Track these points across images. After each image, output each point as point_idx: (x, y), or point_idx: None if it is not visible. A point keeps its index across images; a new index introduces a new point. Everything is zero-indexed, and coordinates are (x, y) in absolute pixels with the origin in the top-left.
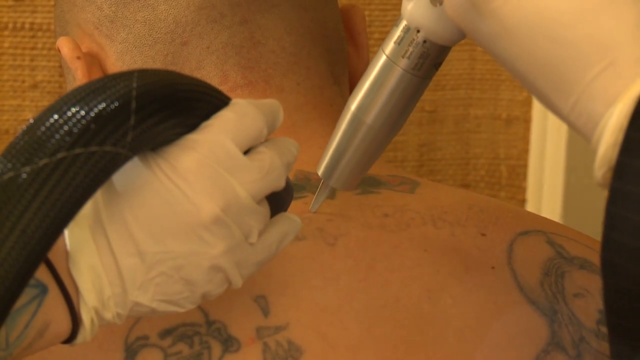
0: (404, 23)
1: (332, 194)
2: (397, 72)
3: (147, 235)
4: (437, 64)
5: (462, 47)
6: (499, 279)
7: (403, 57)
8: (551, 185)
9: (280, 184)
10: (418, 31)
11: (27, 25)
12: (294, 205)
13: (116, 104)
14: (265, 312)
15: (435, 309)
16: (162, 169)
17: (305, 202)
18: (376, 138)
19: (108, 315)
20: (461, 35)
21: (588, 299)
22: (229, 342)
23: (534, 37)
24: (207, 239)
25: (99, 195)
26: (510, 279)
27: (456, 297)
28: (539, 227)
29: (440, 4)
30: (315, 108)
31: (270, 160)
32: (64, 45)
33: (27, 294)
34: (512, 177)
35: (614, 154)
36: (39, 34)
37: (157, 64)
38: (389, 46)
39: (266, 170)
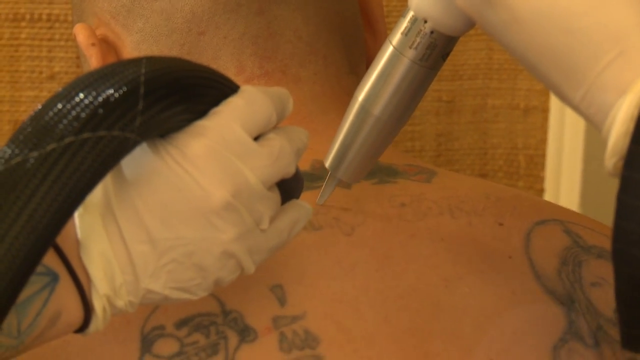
0: (411, 13)
1: (348, 184)
2: (404, 63)
3: (157, 222)
4: (444, 55)
5: (480, 36)
6: (516, 268)
7: (410, 47)
8: (569, 174)
9: (290, 170)
10: (425, 22)
11: (44, 16)
12: (311, 195)
13: (124, 89)
14: (282, 302)
15: (452, 298)
16: (171, 156)
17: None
18: (384, 129)
19: (120, 303)
20: (469, 25)
21: (605, 287)
22: (246, 332)
23: (544, 26)
24: (217, 224)
25: (109, 183)
26: (527, 268)
27: (473, 286)
28: (556, 216)
29: None
30: (332, 98)
31: (280, 146)
32: (80, 32)
33: (38, 281)
34: (530, 166)
35: (625, 143)
36: (57, 24)
37: (173, 54)
38: (396, 37)
39: (276, 155)
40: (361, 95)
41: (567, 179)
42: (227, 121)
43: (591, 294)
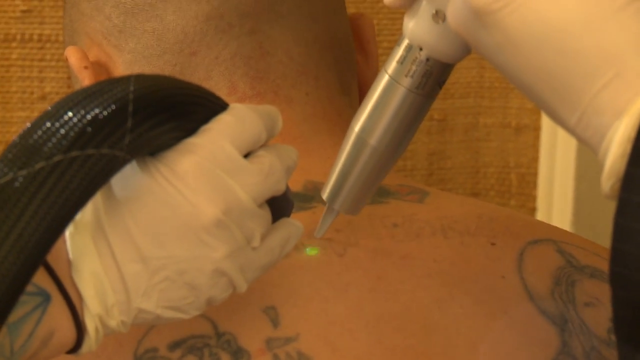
0: (406, 41)
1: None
2: (400, 92)
3: (149, 241)
4: (440, 82)
5: (471, 55)
6: (509, 288)
7: (406, 76)
8: (561, 193)
9: (281, 188)
10: (421, 49)
11: (35, 37)
12: (304, 215)
13: (113, 107)
14: (275, 323)
15: (446, 319)
16: (161, 173)
17: (314, 212)
18: (381, 159)
19: (112, 323)
20: (465, 52)
21: (599, 307)
22: (239, 354)
23: (538, 47)
24: (209, 242)
25: (99, 202)
26: (520, 288)
27: (466, 306)
28: (549, 236)
29: (443, 20)
30: (324, 119)
31: (269, 163)
32: (72, 55)
33: (31, 302)
34: (522, 185)
35: (622, 165)
36: (48, 45)
37: (165, 74)
38: (392, 65)
39: (266, 172)
40: (357, 125)
41: (559, 197)
42: (216, 138)
43: (584, 314)
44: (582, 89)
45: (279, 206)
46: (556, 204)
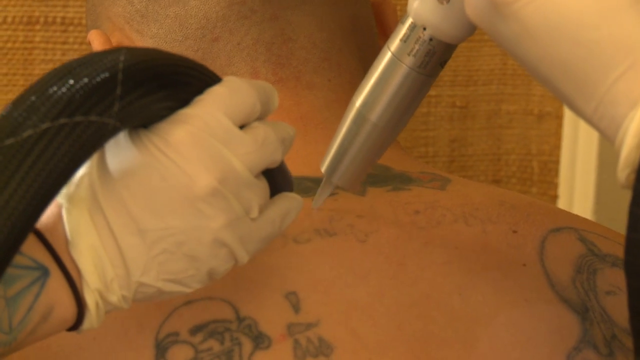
0: (410, 20)
1: (362, 191)
2: (402, 70)
3: (145, 212)
4: (442, 62)
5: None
6: (530, 276)
7: (409, 54)
8: (583, 181)
9: (276, 158)
10: (424, 29)
11: (58, 20)
12: (327, 200)
13: (102, 75)
14: (296, 309)
15: (466, 306)
16: (154, 144)
17: (335, 199)
18: (380, 136)
19: (113, 298)
20: (468, 32)
21: (620, 296)
22: (260, 339)
23: (555, 38)
24: (206, 211)
25: (94, 177)
26: (541, 276)
27: (487, 294)
28: (571, 224)
29: (447, 1)
30: (346, 104)
31: (264, 133)
32: (95, 39)
33: (28, 275)
34: (544, 173)
35: (637, 155)
36: (70, 28)
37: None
38: (395, 43)
39: (261, 142)
40: (358, 100)
41: (581, 185)
42: (210, 109)
43: (606, 303)
44: (597, 80)
45: (277, 182)
46: (578, 191)
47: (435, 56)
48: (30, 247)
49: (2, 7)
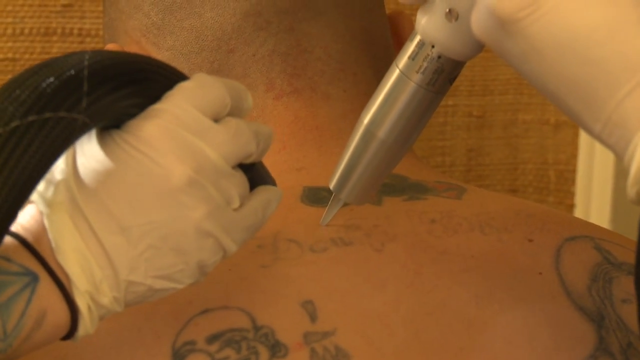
0: (418, 38)
1: (378, 200)
2: (410, 87)
3: (125, 210)
4: (451, 79)
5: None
6: (546, 284)
7: (417, 72)
8: (600, 189)
9: (250, 149)
10: (433, 46)
11: (75, 31)
12: (341, 210)
13: (68, 72)
14: (313, 318)
15: (483, 315)
16: (127, 142)
17: (351, 208)
18: (388, 153)
19: (105, 300)
20: (477, 50)
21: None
22: (277, 348)
23: (563, 55)
24: (185, 202)
25: (71, 181)
26: (557, 284)
27: (503, 303)
28: (586, 233)
29: (456, 19)
30: None
31: (236, 124)
32: None
33: (18, 282)
34: (560, 182)
35: None
36: (87, 39)
37: (203, 71)
38: (403, 61)
39: (233, 132)
40: (367, 118)
41: (597, 194)
42: (179, 102)
43: (622, 311)
44: (606, 97)
45: (256, 178)
46: (595, 200)
47: (444, 73)
48: (18, 255)
49: (20, 18)
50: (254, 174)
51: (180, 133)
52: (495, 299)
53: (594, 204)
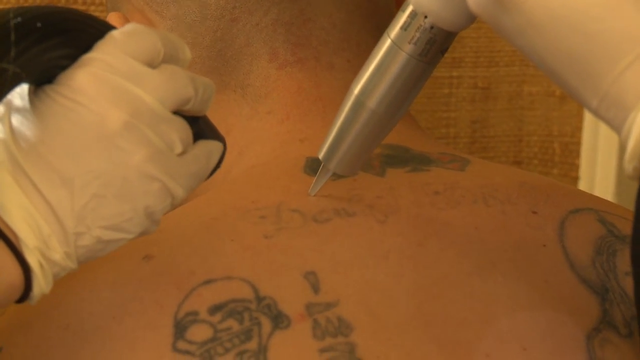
0: (410, 8)
1: (382, 171)
2: (402, 58)
3: (65, 161)
4: (443, 50)
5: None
6: (550, 257)
7: (409, 42)
8: (604, 162)
9: (188, 93)
10: (425, 17)
11: (79, 0)
12: (341, 182)
13: None
14: (316, 289)
15: (486, 287)
16: (59, 92)
17: (354, 179)
18: (379, 123)
19: (56, 256)
20: (469, 21)
21: None
22: (279, 319)
23: (560, 30)
24: (123, 146)
25: (9, 140)
26: (561, 257)
27: (506, 274)
28: (591, 205)
29: None
30: None
31: (171, 69)
32: (114, 21)
33: None
34: (565, 154)
35: None
36: (92, 8)
37: (206, 40)
38: (395, 31)
39: (168, 76)
40: (357, 88)
41: (602, 166)
42: (110, 50)
43: (626, 284)
44: (603, 72)
45: (202, 130)
46: (599, 173)
47: (436, 44)
48: None
49: None
50: (199, 129)
51: (113, 79)
52: (498, 271)
53: (598, 176)
